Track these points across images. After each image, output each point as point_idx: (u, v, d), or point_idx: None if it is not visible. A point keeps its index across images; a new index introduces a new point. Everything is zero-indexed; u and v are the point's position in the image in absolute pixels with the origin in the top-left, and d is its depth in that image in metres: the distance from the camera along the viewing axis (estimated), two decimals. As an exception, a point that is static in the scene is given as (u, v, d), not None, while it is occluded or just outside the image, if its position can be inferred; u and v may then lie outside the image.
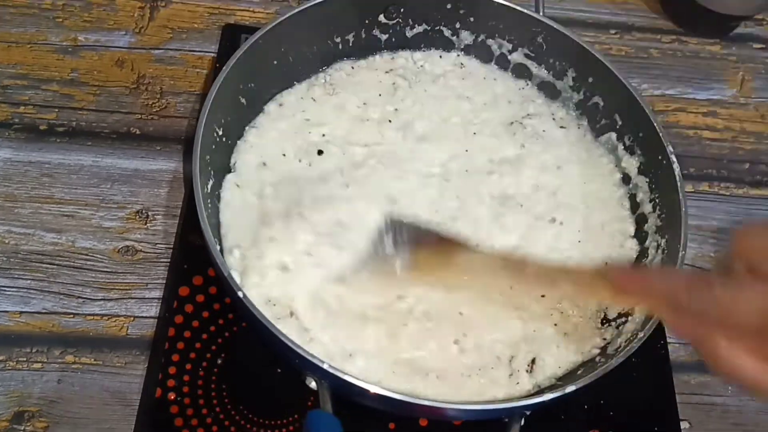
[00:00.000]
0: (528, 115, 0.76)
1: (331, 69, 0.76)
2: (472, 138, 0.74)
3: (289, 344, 0.53)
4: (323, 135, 0.72)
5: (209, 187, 0.63)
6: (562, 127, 0.76)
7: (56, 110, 0.77)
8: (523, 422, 0.57)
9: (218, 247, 0.57)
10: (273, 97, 0.73)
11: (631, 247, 0.69)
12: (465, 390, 0.60)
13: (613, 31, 0.94)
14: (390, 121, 0.73)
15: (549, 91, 0.78)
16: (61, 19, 0.83)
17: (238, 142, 0.70)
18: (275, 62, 0.71)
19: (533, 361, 0.62)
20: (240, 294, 0.55)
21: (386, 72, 0.77)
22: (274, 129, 0.71)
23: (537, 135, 0.75)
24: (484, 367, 0.61)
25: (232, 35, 0.82)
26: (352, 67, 0.77)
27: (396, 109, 0.74)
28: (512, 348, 0.63)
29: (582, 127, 0.76)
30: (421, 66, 0.78)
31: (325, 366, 0.52)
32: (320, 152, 0.70)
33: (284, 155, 0.70)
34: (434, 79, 0.77)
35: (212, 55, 0.83)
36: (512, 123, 0.75)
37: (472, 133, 0.74)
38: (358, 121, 0.73)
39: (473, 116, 0.75)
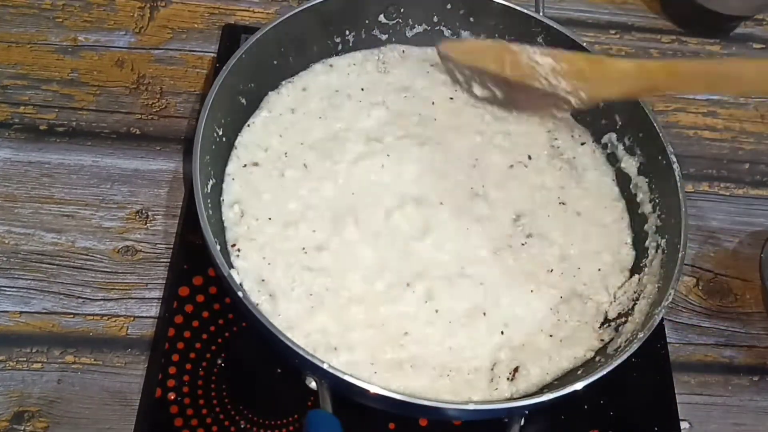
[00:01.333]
0: (548, 131, 0.76)
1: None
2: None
3: (289, 344, 0.53)
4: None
5: (209, 187, 0.63)
6: (582, 143, 0.76)
7: (56, 110, 0.77)
8: (522, 422, 0.58)
9: (218, 247, 0.57)
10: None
11: (628, 253, 0.70)
12: (441, 389, 0.60)
13: (612, 32, 0.94)
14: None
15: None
16: (61, 19, 0.83)
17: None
18: (275, 62, 0.72)
19: (516, 369, 0.62)
20: (240, 294, 0.55)
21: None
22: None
23: (569, 163, 0.74)
24: (458, 369, 0.61)
25: (232, 35, 0.82)
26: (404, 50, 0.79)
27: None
28: (494, 356, 0.62)
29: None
30: None
31: (325, 366, 0.52)
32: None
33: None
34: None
35: (212, 55, 0.83)
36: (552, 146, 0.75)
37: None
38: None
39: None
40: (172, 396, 0.61)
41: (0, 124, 0.75)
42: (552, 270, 0.67)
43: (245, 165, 0.69)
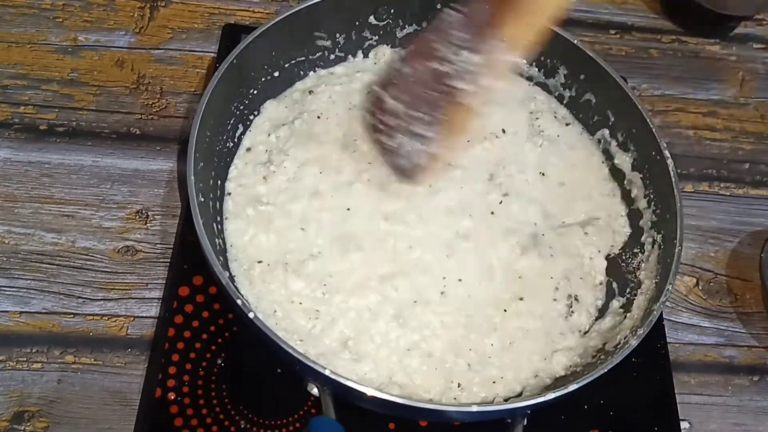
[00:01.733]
0: (531, 112, 0.76)
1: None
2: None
3: (290, 351, 0.53)
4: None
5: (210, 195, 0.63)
6: (567, 123, 0.76)
7: (56, 110, 0.77)
8: (525, 422, 0.57)
9: (215, 254, 0.57)
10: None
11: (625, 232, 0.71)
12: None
13: (613, 32, 0.94)
14: None
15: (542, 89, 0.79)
16: (61, 19, 0.83)
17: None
18: (265, 67, 0.71)
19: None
20: (239, 302, 0.54)
21: None
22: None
23: (551, 140, 0.75)
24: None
25: (232, 35, 0.82)
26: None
27: None
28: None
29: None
30: None
31: (327, 372, 0.52)
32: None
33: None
34: None
35: (212, 55, 0.83)
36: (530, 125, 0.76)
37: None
38: None
39: None
40: (172, 396, 0.61)
41: (0, 124, 0.75)
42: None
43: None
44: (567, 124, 0.76)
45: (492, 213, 0.69)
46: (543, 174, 0.72)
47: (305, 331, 0.62)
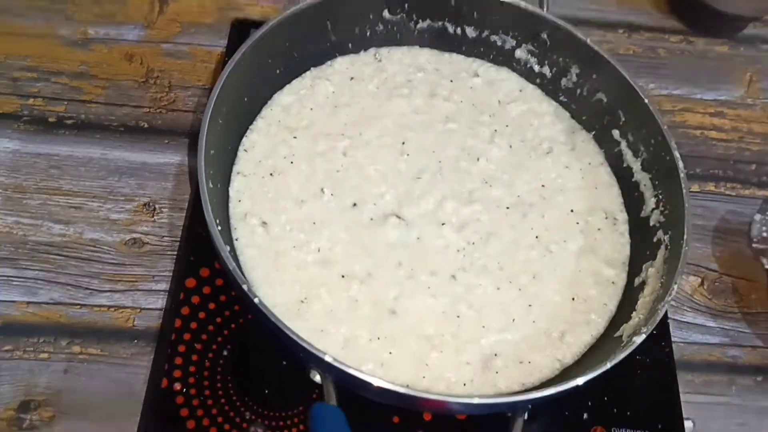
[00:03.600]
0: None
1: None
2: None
3: (294, 337, 0.53)
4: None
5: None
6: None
7: (65, 103, 0.77)
8: (526, 416, 0.58)
9: (223, 243, 0.57)
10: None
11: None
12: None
13: (620, 31, 0.94)
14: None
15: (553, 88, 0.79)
16: (71, 12, 0.83)
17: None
18: (274, 60, 0.72)
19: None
20: (245, 287, 0.55)
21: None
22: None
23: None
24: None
25: (241, 30, 0.83)
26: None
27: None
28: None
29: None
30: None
31: (327, 358, 0.53)
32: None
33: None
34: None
35: (221, 49, 0.83)
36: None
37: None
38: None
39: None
40: (177, 387, 0.62)
41: (10, 115, 0.75)
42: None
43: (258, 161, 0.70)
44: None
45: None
46: (544, 186, 0.73)
47: None
